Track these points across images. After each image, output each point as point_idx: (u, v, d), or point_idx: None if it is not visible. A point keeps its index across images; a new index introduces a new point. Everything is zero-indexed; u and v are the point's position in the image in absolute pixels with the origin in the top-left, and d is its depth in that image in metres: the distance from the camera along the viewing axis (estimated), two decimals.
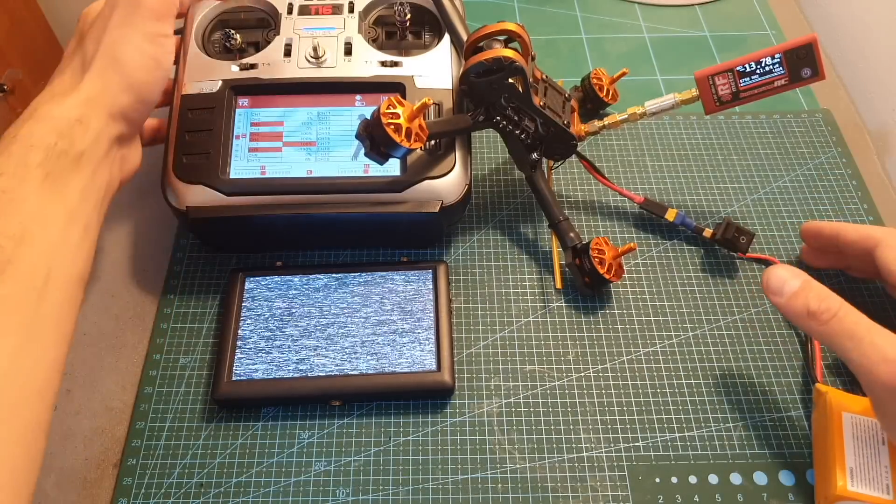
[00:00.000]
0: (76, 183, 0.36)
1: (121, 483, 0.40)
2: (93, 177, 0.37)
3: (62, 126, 0.36)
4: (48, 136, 0.35)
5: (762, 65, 0.44)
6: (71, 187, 0.36)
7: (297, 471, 0.41)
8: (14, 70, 0.84)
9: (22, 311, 0.32)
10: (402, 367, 0.42)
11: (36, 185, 0.34)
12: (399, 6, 0.49)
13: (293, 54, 0.47)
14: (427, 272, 0.46)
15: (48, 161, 0.35)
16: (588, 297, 0.48)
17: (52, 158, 0.35)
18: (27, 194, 0.34)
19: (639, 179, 0.54)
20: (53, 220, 0.35)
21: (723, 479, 0.40)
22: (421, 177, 0.44)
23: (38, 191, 0.34)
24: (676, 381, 0.44)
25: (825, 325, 0.36)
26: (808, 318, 0.36)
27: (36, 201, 0.34)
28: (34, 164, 0.34)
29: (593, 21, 0.67)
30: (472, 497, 0.40)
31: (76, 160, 0.36)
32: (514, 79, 0.43)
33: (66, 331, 0.35)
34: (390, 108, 0.40)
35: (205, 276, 0.49)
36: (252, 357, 0.43)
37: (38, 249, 0.33)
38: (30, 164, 0.34)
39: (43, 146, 0.35)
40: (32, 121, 0.36)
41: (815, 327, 0.36)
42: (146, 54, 0.40)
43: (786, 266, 0.39)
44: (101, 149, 0.38)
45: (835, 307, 0.36)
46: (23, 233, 0.33)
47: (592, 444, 0.42)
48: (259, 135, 0.46)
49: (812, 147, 0.56)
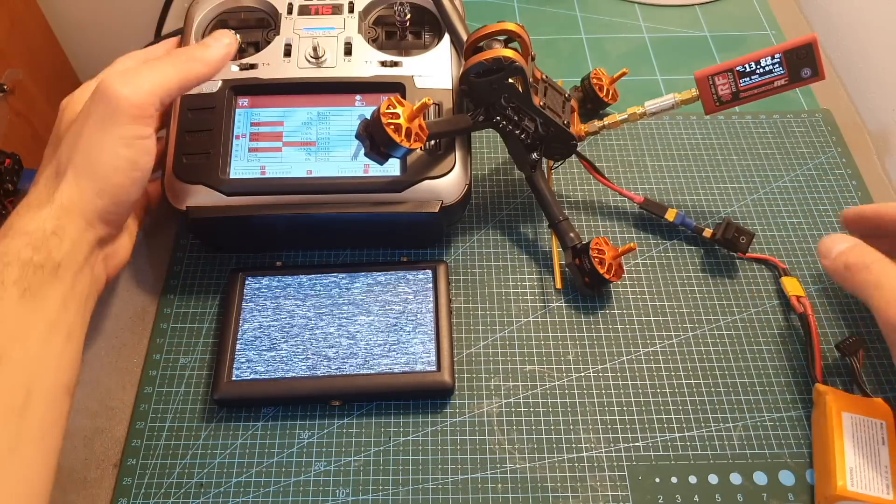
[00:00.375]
0: (55, 293, 0.36)
1: (121, 483, 0.40)
2: (73, 284, 0.37)
3: (37, 240, 0.36)
4: (23, 251, 0.35)
5: (762, 65, 0.44)
6: (50, 298, 0.36)
7: (297, 471, 0.41)
8: (14, 70, 0.84)
9: (2, 433, 0.32)
10: (402, 367, 0.42)
11: (13, 303, 0.34)
12: (399, 6, 0.49)
13: (293, 54, 0.47)
14: (427, 272, 0.46)
15: (24, 277, 0.35)
16: (588, 297, 0.48)
17: (29, 274, 0.35)
18: (4, 313, 0.34)
19: (639, 179, 0.54)
20: (33, 334, 0.35)
21: (723, 479, 0.40)
22: (421, 177, 0.44)
23: (15, 308, 0.34)
24: (676, 381, 0.44)
25: (857, 275, 0.38)
26: (844, 271, 0.39)
27: (13, 319, 0.34)
28: (10, 282, 0.34)
29: (593, 21, 0.67)
30: (472, 497, 0.40)
31: (53, 271, 0.36)
32: (514, 79, 0.43)
33: (52, 442, 0.35)
34: (390, 108, 0.40)
35: (205, 276, 0.49)
36: (252, 357, 0.43)
37: (16, 368, 0.33)
38: (6, 281, 0.35)
39: (18, 262, 0.35)
40: (8, 238, 0.36)
41: (849, 278, 0.39)
42: (121, 157, 0.39)
43: (841, 234, 0.41)
44: (80, 255, 0.38)
45: (868, 260, 0.38)
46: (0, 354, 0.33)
47: (592, 444, 0.42)
48: (259, 135, 0.46)
49: (812, 147, 0.56)
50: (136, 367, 0.45)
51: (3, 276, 0.35)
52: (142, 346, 0.46)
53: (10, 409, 0.33)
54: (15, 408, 0.33)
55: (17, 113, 0.84)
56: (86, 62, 1.00)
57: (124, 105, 0.38)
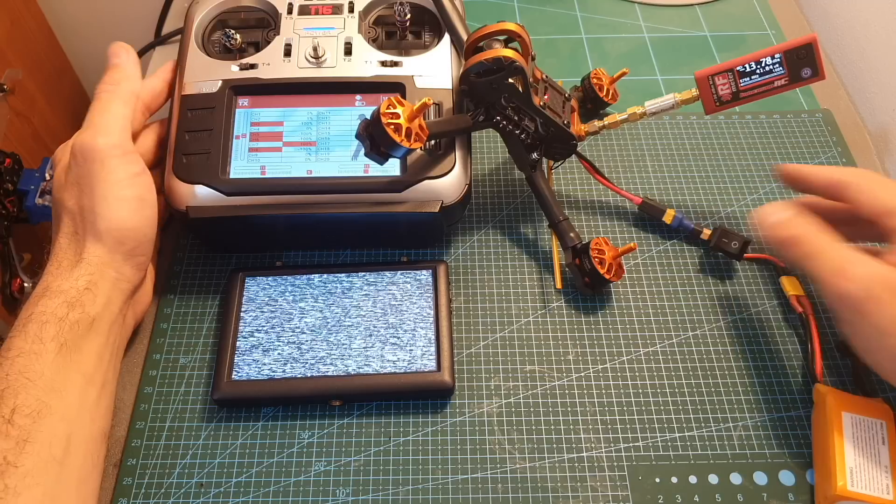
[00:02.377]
0: (91, 347, 0.38)
1: (121, 483, 0.40)
2: (108, 336, 0.39)
3: (72, 297, 0.38)
4: (59, 308, 0.37)
5: (762, 65, 0.44)
6: (86, 352, 0.38)
7: (297, 471, 0.41)
8: (14, 70, 0.84)
9: (43, 483, 0.34)
10: (402, 367, 0.42)
11: (51, 358, 0.36)
12: (399, 6, 0.49)
13: (293, 54, 0.47)
14: (427, 272, 0.46)
15: (61, 333, 0.37)
16: (588, 297, 0.48)
17: (66, 329, 0.37)
18: (43, 369, 0.36)
19: (638, 179, 0.54)
20: (71, 387, 0.37)
21: (723, 479, 0.40)
22: (421, 177, 0.44)
23: (53, 363, 0.36)
24: (676, 381, 0.44)
25: (795, 248, 0.38)
26: (783, 245, 0.39)
27: (51, 374, 0.36)
28: (48, 339, 0.36)
29: (593, 21, 0.67)
30: (472, 497, 0.40)
31: (89, 326, 0.38)
32: (514, 79, 0.43)
33: (89, 487, 0.37)
34: (390, 108, 0.40)
35: (205, 276, 0.49)
36: (252, 357, 0.43)
37: (56, 420, 0.35)
38: (44, 338, 0.36)
39: (55, 320, 0.37)
40: (46, 297, 0.38)
41: (790, 252, 0.39)
42: (128, 199, 0.40)
43: (779, 202, 0.41)
44: (114, 307, 0.40)
45: (805, 231, 0.38)
46: (40, 408, 0.35)
47: (592, 444, 0.42)
48: (259, 135, 0.46)
49: (812, 147, 0.56)
50: (136, 367, 0.45)
51: (41, 334, 0.36)
52: (142, 346, 0.46)
53: (52, 459, 0.34)
54: (56, 457, 0.35)
55: (17, 113, 0.84)
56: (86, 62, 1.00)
57: (107, 151, 0.40)
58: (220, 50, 0.49)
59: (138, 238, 0.41)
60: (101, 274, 0.39)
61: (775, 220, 0.40)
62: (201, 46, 0.49)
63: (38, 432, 0.34)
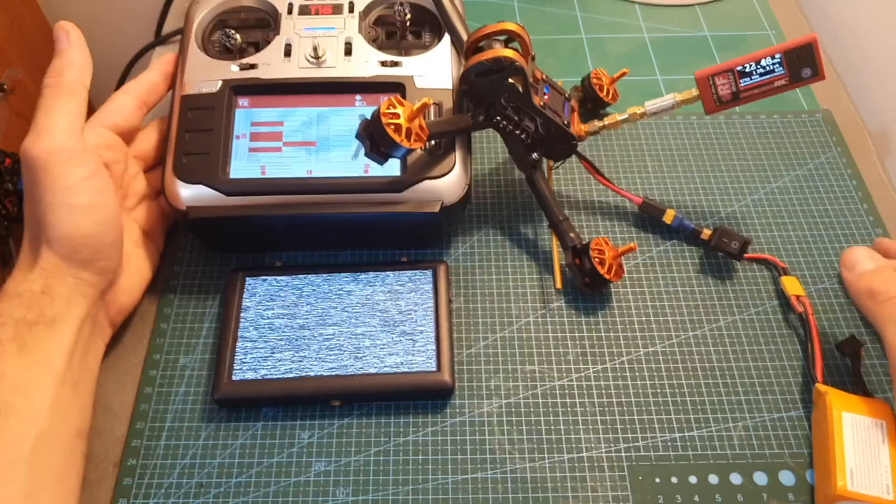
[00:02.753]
0: (58, 347, 0.38)
1: (121, 483, 0.40)
2: (76, 336, 0.39)
3: (28, 300, 0.37)
4: (16, 310, 0.37)
5: (762, 65, 0.44)
6: (53, 352, 0.37)
7: (297, 471, 0.41)
8: (14, 70, 0.84)
9: (14, 482, 0.34)
10: (402, 367, 0.42)
11: (12, 359, 0.36)
12: (399, 6, 0.49)
13: (293, 54, 0.47)
14: (427, 272, 0.46)
15: (20, 335, 0.36)
16: (588, 297, 0.48)
17: (24, 331, 0.37)
18: (5, 370, 0.35)
19: (639, 179, 0.54)
20: (38, 387, 0.36)
21: (723, 479, 0.40)
22: (421, 177, 0.44)
23: (15, 363, 0.36)
24: (676, 381, 0.44)
25: (879, 306, 0.39)
26: (867, 296, 0.39)
27: (15, 374, 0.36)
28: (7, 340, 0.36)
29: (593, 21, 0.67)
30: (472, 497, 0.40)
31: (50, 326, 0.37)
32: (514, 79, 0.43)
33: (67, 485, 0.37)
34: (390, 108, 0.40)
35: (205, 276, 0.49)
36: (252, 357, 0.43)
37: (21, 420, 0.35)
38: (3, 340, 0.36)
39: (12, 322, 0.36)
40: (3, 301, 0.37)
41: (871, 307, 0.39)
42: (76, 207, 0.38)
43: (867, 248, 0.41)
44: (78, 310, 0.39)
45: (893, 291, 0.38)
46: (4, 408, 0.35)
47: (592, 444, 0.42)
48: (259, 135, 0.46)
49: (812, 147, 0.56)
50: (136, 367, 0.45)
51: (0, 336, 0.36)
52: (142, 346, 0.46)
53: (19, 457, 0.34)
54: (23, 456, 0.34)
55: (17, 113, 0.84)
56: None
57: (48, 157, 0.38)
58: (220, 50, 0.49)
59: (94, 245, 0.39)
60: (57, 279, 0.38)
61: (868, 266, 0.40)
62: (201, 46, 0.49)
63: (2, 432, 0.34)
